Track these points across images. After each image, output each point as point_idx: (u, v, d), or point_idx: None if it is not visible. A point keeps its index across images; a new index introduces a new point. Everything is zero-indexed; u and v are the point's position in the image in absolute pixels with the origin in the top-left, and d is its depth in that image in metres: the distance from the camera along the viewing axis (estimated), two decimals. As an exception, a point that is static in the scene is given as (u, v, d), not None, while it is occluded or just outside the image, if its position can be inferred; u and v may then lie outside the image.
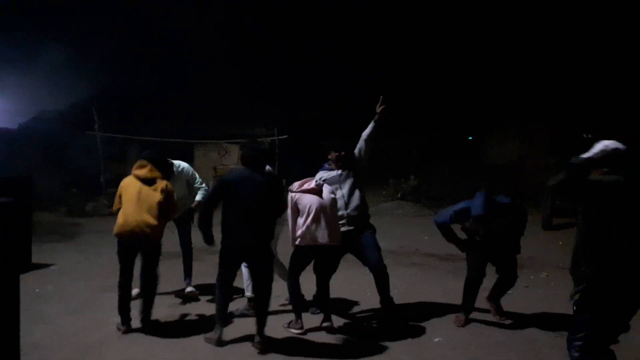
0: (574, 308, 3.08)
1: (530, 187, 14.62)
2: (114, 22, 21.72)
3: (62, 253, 8.44)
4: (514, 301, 5.65)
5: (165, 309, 5.25)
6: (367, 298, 5.61)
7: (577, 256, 3.10)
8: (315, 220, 4.53)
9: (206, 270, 6.32)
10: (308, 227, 4.53)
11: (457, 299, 5.64)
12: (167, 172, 5.12)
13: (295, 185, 4.70)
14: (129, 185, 4.75)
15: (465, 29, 19.00)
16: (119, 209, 4.75)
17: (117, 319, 4.72)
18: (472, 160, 18.03)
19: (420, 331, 4.72)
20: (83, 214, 13.94)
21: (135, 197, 4.65)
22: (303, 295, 4.97)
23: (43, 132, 18.64)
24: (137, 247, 4.75)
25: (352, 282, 6.12)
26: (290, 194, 4.67)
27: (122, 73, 20.38)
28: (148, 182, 4.72)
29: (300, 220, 4.58)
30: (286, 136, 16.52)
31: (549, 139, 15.83)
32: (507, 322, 4.96)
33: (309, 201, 4.58)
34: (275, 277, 4.88)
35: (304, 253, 4.74)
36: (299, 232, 4.58)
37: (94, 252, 8.57)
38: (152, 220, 4.61)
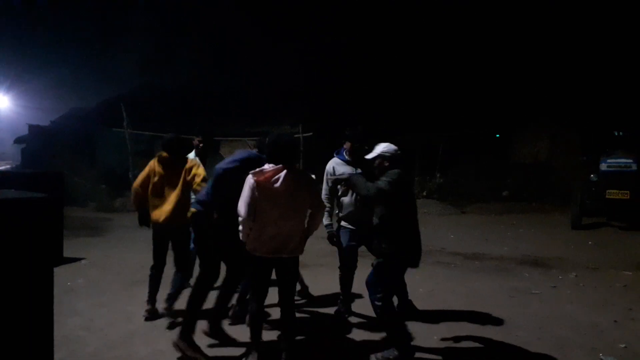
0: (374, 272, 3.95)
1: (560, 186, 14.39)
2: (143, 19, 22.10)
3: (93, 247, 8.61)
4: (542, 301, 5.58)
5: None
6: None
7: (379, 237, 3.93)
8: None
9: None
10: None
11: (482, 298, 5.61)
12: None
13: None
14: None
15: (497, 27, 18.75)
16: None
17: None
18: (500, 158, 17.75)
19: (446, 330, 4.68)
20: (112, 209, 14.22)
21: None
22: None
23: (74, 129, 19.07)
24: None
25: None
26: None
27: (151, 71, 20.75)
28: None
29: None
30: (311, 133, 16.53)
31: (578, 138, 15.51)
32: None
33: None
34: None
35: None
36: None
37: (123, 246, 8.72)
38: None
